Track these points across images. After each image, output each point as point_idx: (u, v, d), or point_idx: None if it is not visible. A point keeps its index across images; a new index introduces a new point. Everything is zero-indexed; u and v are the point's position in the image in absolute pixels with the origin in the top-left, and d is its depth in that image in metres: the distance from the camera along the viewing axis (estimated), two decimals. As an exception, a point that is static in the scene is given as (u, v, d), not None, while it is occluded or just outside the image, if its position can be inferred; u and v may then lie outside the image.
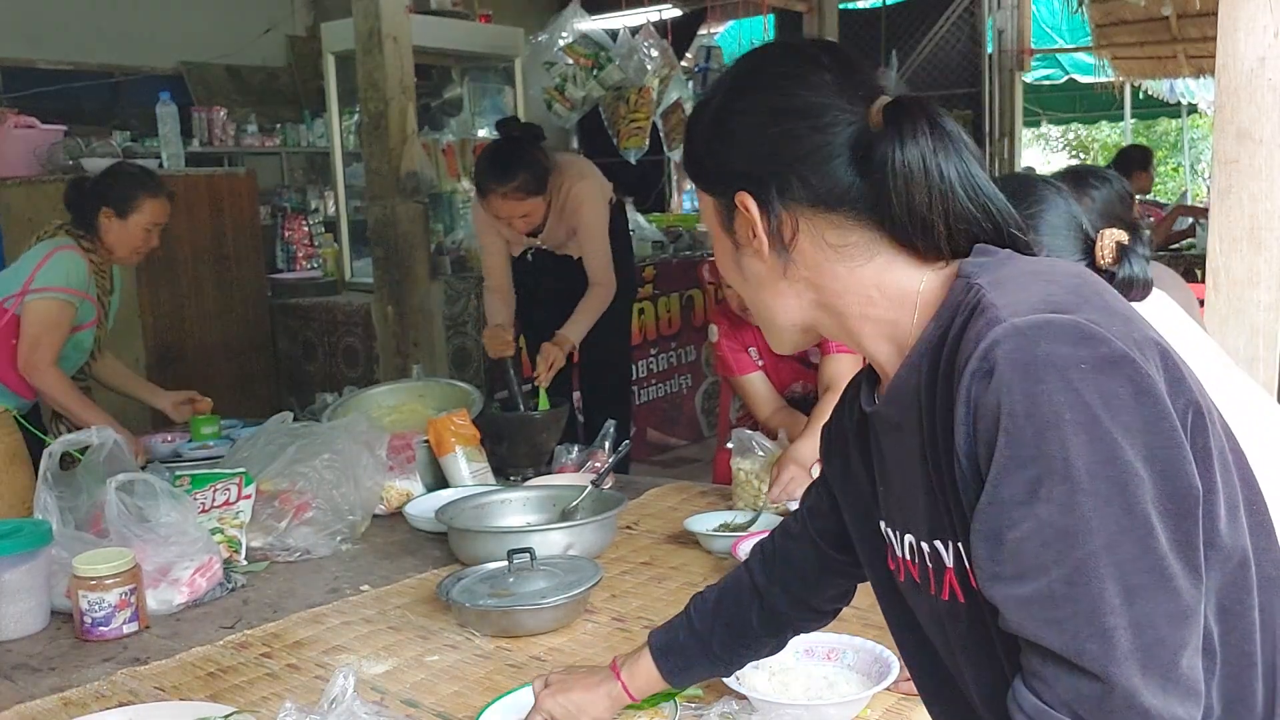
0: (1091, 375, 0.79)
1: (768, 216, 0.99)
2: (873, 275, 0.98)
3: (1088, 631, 0.78)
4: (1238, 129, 1.93)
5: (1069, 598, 0.79)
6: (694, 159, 1.07)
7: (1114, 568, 0.78)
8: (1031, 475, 0.80)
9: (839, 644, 1.50)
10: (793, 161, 0.97)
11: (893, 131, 0.94)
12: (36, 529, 1.82)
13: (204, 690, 1.55)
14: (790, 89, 0.98)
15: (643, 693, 1.33)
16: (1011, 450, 0.80)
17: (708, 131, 1.04)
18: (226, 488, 2.13)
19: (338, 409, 2.80)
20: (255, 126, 6.75)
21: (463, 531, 2.04)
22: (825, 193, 0.97)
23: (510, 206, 3.20)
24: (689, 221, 6.82)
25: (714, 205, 1.06)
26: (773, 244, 1.00)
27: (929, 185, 0.94)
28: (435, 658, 1.64)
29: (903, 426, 0.97)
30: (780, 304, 1.04)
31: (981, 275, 0.91)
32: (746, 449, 2.31)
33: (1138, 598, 0.78)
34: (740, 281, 1.07)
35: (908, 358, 0.95)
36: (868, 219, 0.97)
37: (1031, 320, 0.82)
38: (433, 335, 4.52)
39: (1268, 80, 1.90)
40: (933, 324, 0.93)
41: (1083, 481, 0.78)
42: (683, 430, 5.82)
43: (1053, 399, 0.79)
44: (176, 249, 4.71)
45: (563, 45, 5.56)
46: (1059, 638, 0.80)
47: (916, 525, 0.98)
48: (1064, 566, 0.79)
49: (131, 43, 6.46)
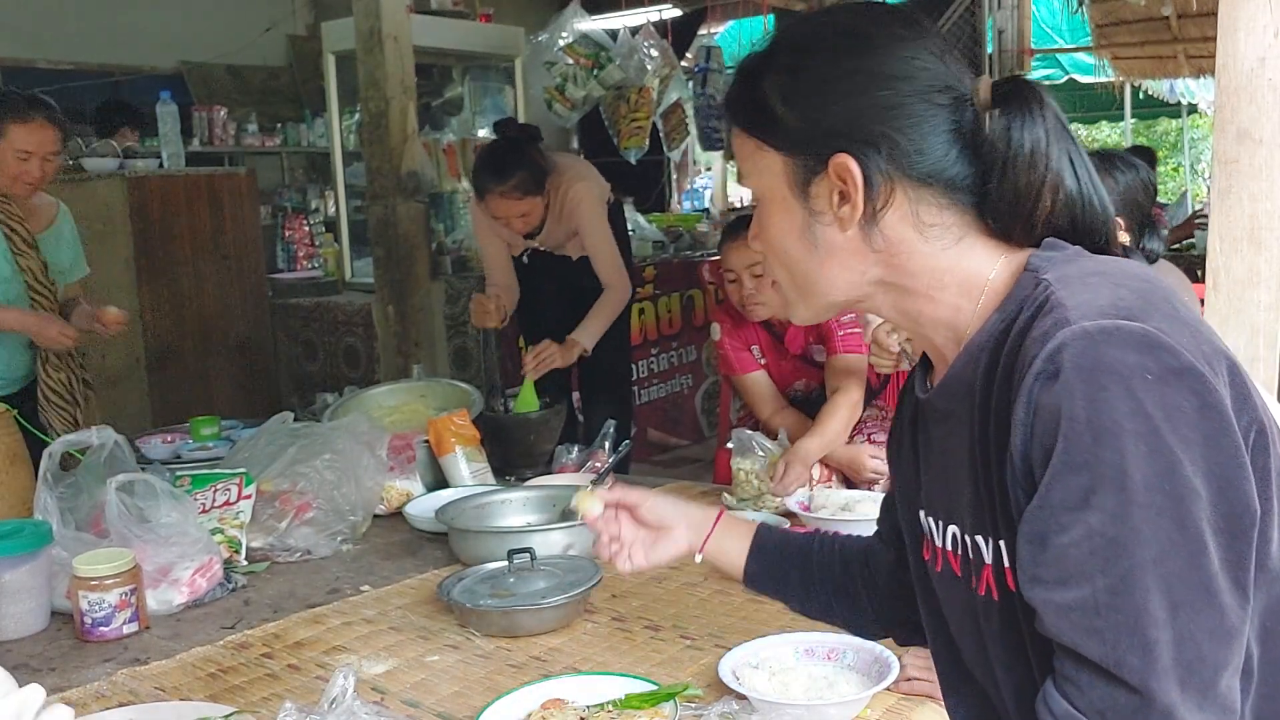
0: (1156, 386, 0.78)
1: (868, 183, 0.93)
2: (951, 259, 0.95)
3: (1129, 643, 0.77)
4: (1238, 129, 1.92)
5: (1112, 607, 0.78)
6: (768, 116, 0.97)
7: (1161, 581, 0.77)
8: (1085, 481, 0.78)
9: (839, 644, 1.50)
10: (900, 128, 0.92)
11: (1008, 111, 0.92)
12: (37, 529, 1.82)
13: (204, 690, 1.55)
14: (900, 53, 0.94)
15: (712, 555, 1.30)
16: (1068, 455, 0.79)
17: (797, 84, 0.96)
18: (227, 488, 2.13)
19: (338, 409, 2.80)
20: (256, 126, 6.75)
21: (463, 531, 2.04)
22: (927, 166, 0.93)
23: (508, 206, 3.20)
24: (689, 221, 6.82)
25: (786, 166, 0.97)
26: (865, 214, 0.94)
27: (1039, 171, 0.91)
28: (436, 658, 1.64)
29: (954, 416, 0.96)
30: (841, 278, 0.99)
31: (1049, 270, 0.89)
32: (747, 449, 2.31)
33: (1183, 613, 0.77)
34: (802, 251, 0.99)
35: (966, 348, 0.93)
36: (961, 199, 0.94)
37: (1100, 325, 0.80)
38: (433, 335, 4.52)
39: (1268, 80, 1.90)
40: (996, 315, 0.91)
41: (1137, 493, 0.77)
42: (683, 430, 5.82)
43: (1115, 407, 0.77)
44: (177, 248, 4.71)
45: (563, 45, 5.57)
46: (1098, 647, 0.79)
47: (961, 518, 0.97)
48: (1110, 576, 0.78)
49: (131, 42, 6.46)
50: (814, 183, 0.96)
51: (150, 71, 6.54)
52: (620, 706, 1.36)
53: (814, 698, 1.40)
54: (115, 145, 4.90)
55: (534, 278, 3.59)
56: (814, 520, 2.12)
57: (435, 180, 4.87)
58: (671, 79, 5.89)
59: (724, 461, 2.61)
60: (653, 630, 1.71)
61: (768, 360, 2.80)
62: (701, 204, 9.41)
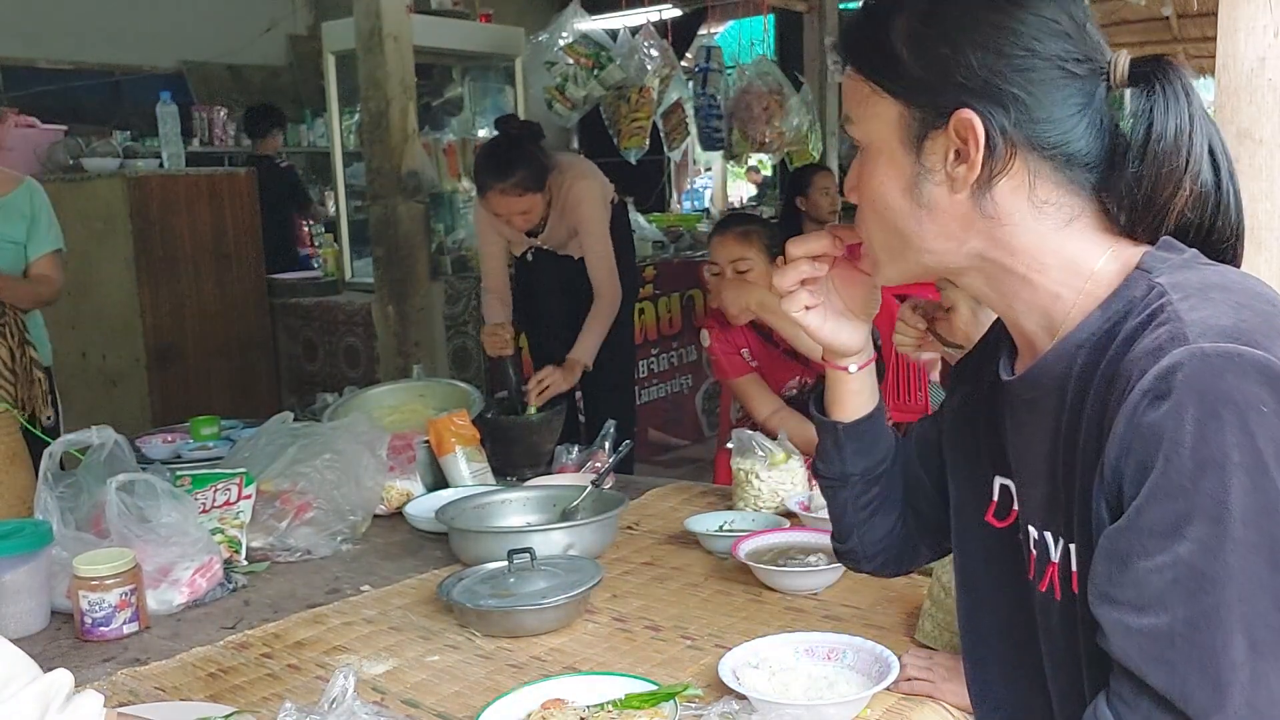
0: (1272, 420, 0.75)
1: (990, 143, 0.87)
2: (1058, 241, 0.90)
3: (1199, 679, 0.75)
4: (1238, 129, 1.92)
5: (1189, 640, 0.76)
6: (891, 60, 0.91)
7: (1244, 621, 0.74)
8: (1181, 509, 0.76)
9: (839, 644, 1.50)
10: (1032, 92, 0.87)
11: (1148, 92, 0.87)
12: (37, 529, 1.82)
13: (204, 690, 1.55)
14: (1043, 12, 0.88)
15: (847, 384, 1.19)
16: (1166, 480, 0.76)
17: (929, 31, 0.89)
18: (227, 488, 2.13)
19: (338, 409, 2.80)
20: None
21: (463, 532, 2.04)
22: (1053, 137, 0.88)
23: (509, 203, 3.20)
24: (689, 221, 6.83)
25: (902, 115, 0.92)
26: (980, 177, 0.89)
27: (1179, 161, 0.86)
28: (436, 658, 1.64)
29: (1038, 408, 0.92)
30: (938, 243, 0.94)
31: (1164, 273, 0.84)
32: (747, 449, 2.31)
33: (1263, 657, 0.75)
34: (904, 208, 0.93)
35: (1062, 341, 0.89)
36: (1080, 179, 0.89)
37: (1221, 349, 0.76)
38: (433, 335, 4.52)
39: (1268, 80, 1.90)
40: (1099, 313, 0.87)
41: (1234, 527, 0.74)
42: (684, 430, 5.82)
43: (1224, 437, 0.74)
44: (177, 248, 4.72)
45: (563, 45, 5.57)
46: (1166, 678, 0.77)
47: (1030, 509, 0.95)
48: (1191, 609, 0.76)
49: (132, 42, 6.47)
50: (930, 137, 0.90)
51: (150, 71, 6.55)
52: (620, 706, 1.35)
53: (814, 698, 1.39)
54: (115, 144, 4.91)
55: (536, 277, 3.60)
56: (814, 520, 2.11)
57: (435, 180, 4.87)
58: (671, 79, 5.89)
59: (724, 461, 2.61)
60: (653, 630, 1.71)
61: (759, 362, 2.79)
62: (701, 204, 9.42)
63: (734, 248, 2.68)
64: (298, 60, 7.31)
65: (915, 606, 1.71)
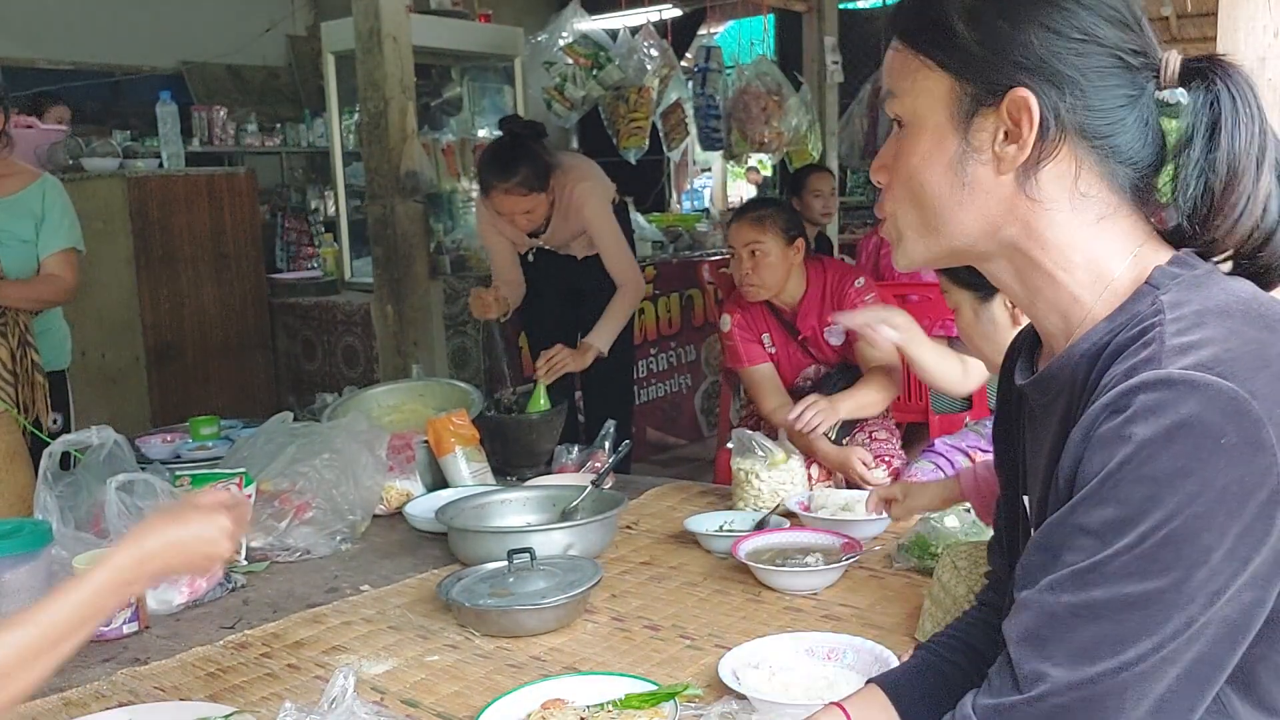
0: (1230, 454, 0.75)
1: (1043, 127, 0.86)
2: (1086, 238, 0.89)
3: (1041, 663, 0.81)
4: (1238, 129, 1.92)
5: (1065, 625, 0.80)
6: (948, 33, 0.89)
7: (1117, 631, 0.78)
8: (1111, 515, 0.78)
9: (839, 644, 1.50)
10: (1089, 77, 0.85)
11: (1204, 95, 0.86)
12: (37, 529, 1.82)
13: (204, 690, 1.55)
14: (1115, 10, 0.87)
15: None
16: (1111, 487, 0.78)
17: (988, 7, 0.88)
18: (226, 488, 2.13)
19: (337, 409, 2.80)
20: (255, 126, 6.76)
21: (463, 531, 2.04)
22: (1104, 127, 0.86)
23: (512, 203, 3.20)
24: (688, 221, 6.82)
25: (953, 91, 0.90)
26: (1029, 159, 0.88)
27: (1237, 163, 0.84)
28: (435, 658, 1.64)
29: (1049, 412, 0.94)
30: (975, 225, 0.92)
31: (1170, 290, 0.84)
32: (746, 449, 2.31)
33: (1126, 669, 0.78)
34: (945, 185, 0.91)
35: (1069, 350, 0.90)
36: (1123, 175, 0.88)
37: (1189, 376, 0.76)
38: (432, 335, 4.52)
39: (1268, 80, 1.90)
40: (1104, 325, 0.87)
41: (1150, 545, 0.76)
42: (683, 430, 5.82)
43: (1173, 461, 0.75)
44: (176, 248, 4.71)
45: (562, 45, 5.56)
46: (1031, 654, 0.82)
47: (1033, 518, 0.97)
48: (1077, 598, 0.79)
49: (132, 42, 6.47)
50: (981, 114, 0.89)
51: (150, 71, 6.54)
52: (620, 706, 1.36)
53: (814, 698, 1.39)
54: (115, 144, 4.90)
55: (538, 277, 3.60)
56: (814, 520, 2.12)
57: (434, 180, 4.87)
58: (671, 79, 5.89)
59: (724, 461, 2.62)
60: (653, 630, 1.71)
61: (778, 348, 2.83)
62: (701, 204, 9.42)
63: (749, 232, 2.75)
64: (297, 60, 7.31)
65: (915, 606, 1.71)
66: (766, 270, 2.74)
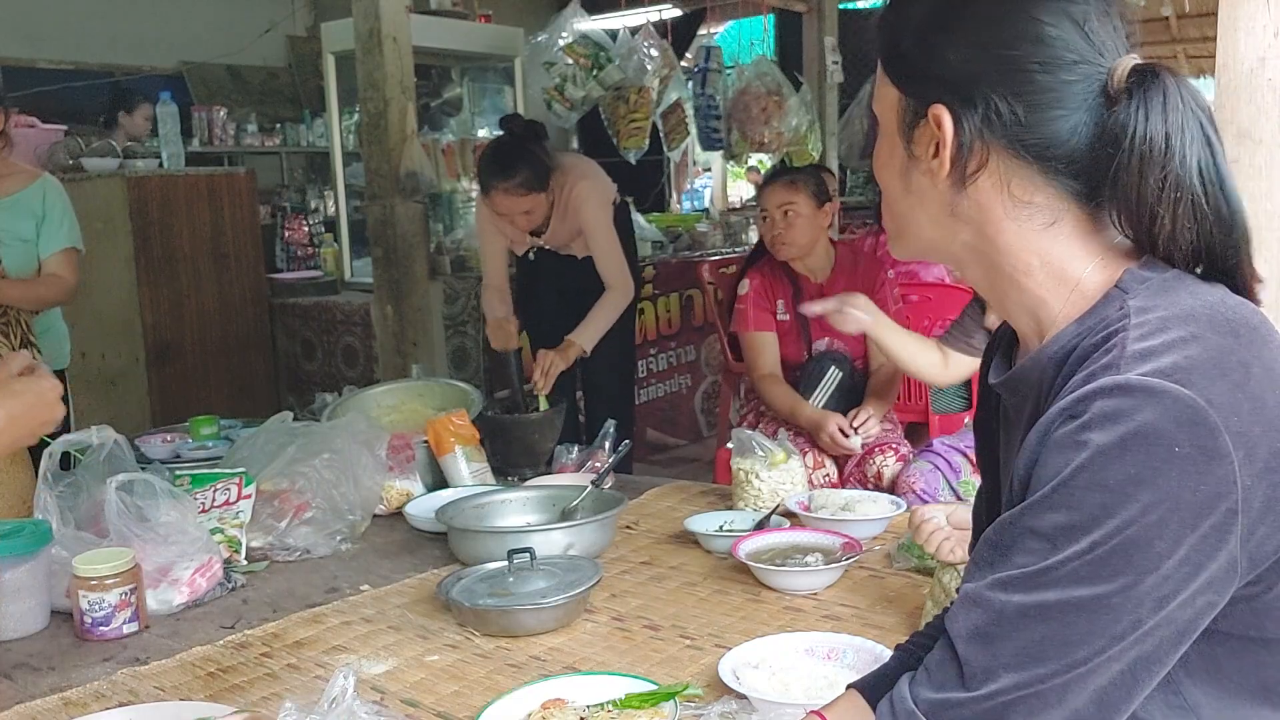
0: (1183, 464, 0.75)
1: (959, 141, 0.89)
2: (1042, 245, 0.90)
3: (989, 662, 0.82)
4: (1238, 129, 1.92)
5: (1011, 626, 0.81)
6: (895, 46, 0.93)
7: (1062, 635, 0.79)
8: (1062, 520, 0.79)
9: (839, 644, 1.50)
10: (1012, 94, 0.86)
11: (1142, 100, 0.85)
12: (37, 529, 1.82)
13: (204, 690, 1.55)
14: (1037, 14, 0.87)
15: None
16: (1065, 493, 0.78)
17: (926, 22, 0.91)
18: (226, 487, 2.13)
19: (337, 409, 2.80)
20: (255, 126, 6.76)
21: (463, 531, 2.04)
22: (1033, 140, 0.87)
23: (512, 203, 3.20)
24: (688, 221, 6.82)
25: (899, 103, 0.94)
26: (952, 172, 0.90)
27: (1165, 170, 0.83)
28: (435, 657, 1.64)
29: (1013, 413, 0.96)
30: (930, 230, 0.95)
31: (1136, 295, 0.84)
32: (747, 449, 2.31)
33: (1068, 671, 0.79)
34: (899, 191, 0.97)
35: (1039, 351, 0.90)
36: (1065, 183, 0.88)
37: (1147, 383, 0.77)
38: (432, 335, 4.52)
39: (1268, 80, 1.90)
40: (1073, 328, 0.87)
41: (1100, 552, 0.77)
42: (683, 430, 5.82)
43: (1125, 469, 0.76)
44: (176, 248, 4.72)
45: (562, 45, 5.56)
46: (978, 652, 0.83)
47: None
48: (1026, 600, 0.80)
49: (131, 43, 6.47)
50: (918, 126, 0.92)
51: (150, 71, 6.54)
52: (620, 706, 1.35)
53: (814, 698, 1.39)
54: (115, 145, 4.90)
55: (538, 276, 3.60)
56: (814, 520, 2.12)
57: (434, 180, 4.87)
58: (671, 79, 5.89)
59: (724, 461, 2.62)
60: (653, 630, 1.71)
61: (790, 316, 2.94)
62: (701, 204, 9.41)
63: (781, 193, 2.90)
64: (297, 61, 7.31)
65: (915, 606, 1.71)
66: (797, 229, 2.89)
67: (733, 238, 6.45)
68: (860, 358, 3.01)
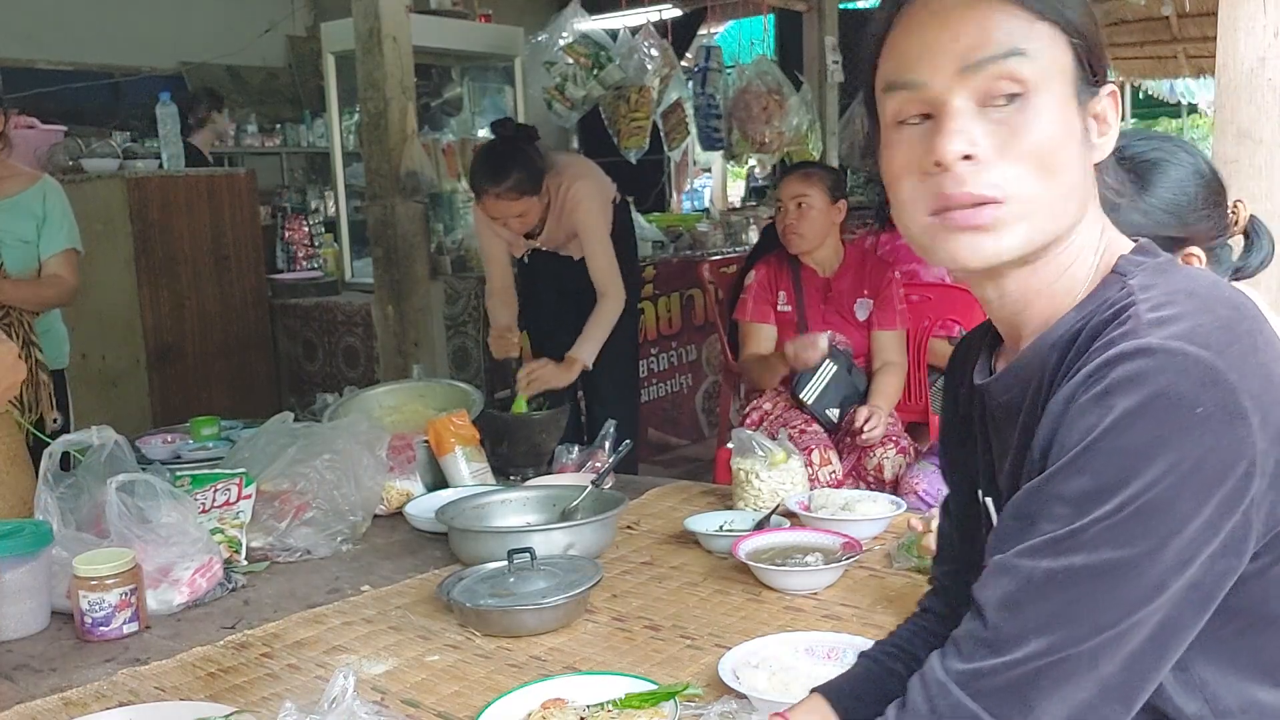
0: (1205, 424, 0.77)
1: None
2: (1089, 223, 0.92)
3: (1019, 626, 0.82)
4: (1238, 129, 1.93)
5: (1039, 592, 0.81)
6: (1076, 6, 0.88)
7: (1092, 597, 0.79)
8: (1089, 486, 0.79)
9: (839, 644, 1.50)
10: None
11: None
12: (37, 529, 1.82)
13: (204, 690, 1.55)
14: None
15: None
16: (1090, 457, 0.79)
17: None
18: (227, 488, 2.13)
19: (338, 409, 2.80)
20: (255, 126, 6.76)
21: (463, 531, 2.04)
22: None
23: (504, 207, 3.20)
24: (689, 221, 6.82)
25: (1073, 67, 0.88)
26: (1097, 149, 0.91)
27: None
28: (436, 658, 1.64)
29: (1011, 407, 0.95)
30: (1077, 214, 0.91)
31: (1136, 276, 0.87)
32: (747, 449, 2.31)
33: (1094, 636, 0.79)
34: (1074, 161, 0.88)
35: (1038, 341, 0.92)
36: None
37: (1167, 345, 0.79)
38: (433, 335, 4.52)
39: (1268, 80, 1.90)
40: (1074, 313, 0.90)
41: (1126, 518, 0.78)
42: (683, 430, 5.82)
43: (1150, 430, 0.77)
44: (176, 248, 4.71)
45: (563, 45, 5.56)
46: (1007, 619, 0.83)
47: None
48: (1054, 564, 0.80)
49: (131, 43, 6.46)
50: (1089, 97, 0.89)
51: (150, 72, 6.54)
52: (620, 706, 1.36)
53: (814, 697, 1.39)
54: (115, 145, 4.90)
55: (536, 278, 3.59)
56: (814, 520, 2.12)
57: (434, 180, 4.87)
58: (671, 79, 5.89)
59: (724, 461, 2.62)
60: (653, 630, 1.71)
61: (791, 307, 3.05)
62: (701, 204, 9.42)
63: (797, 185, 2.99)
64: (297, 61, 7.31)
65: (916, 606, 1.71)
66: (810, 222, 2.96)
67: (733, 238, 6.45)
68: (861, 355, 3.03)
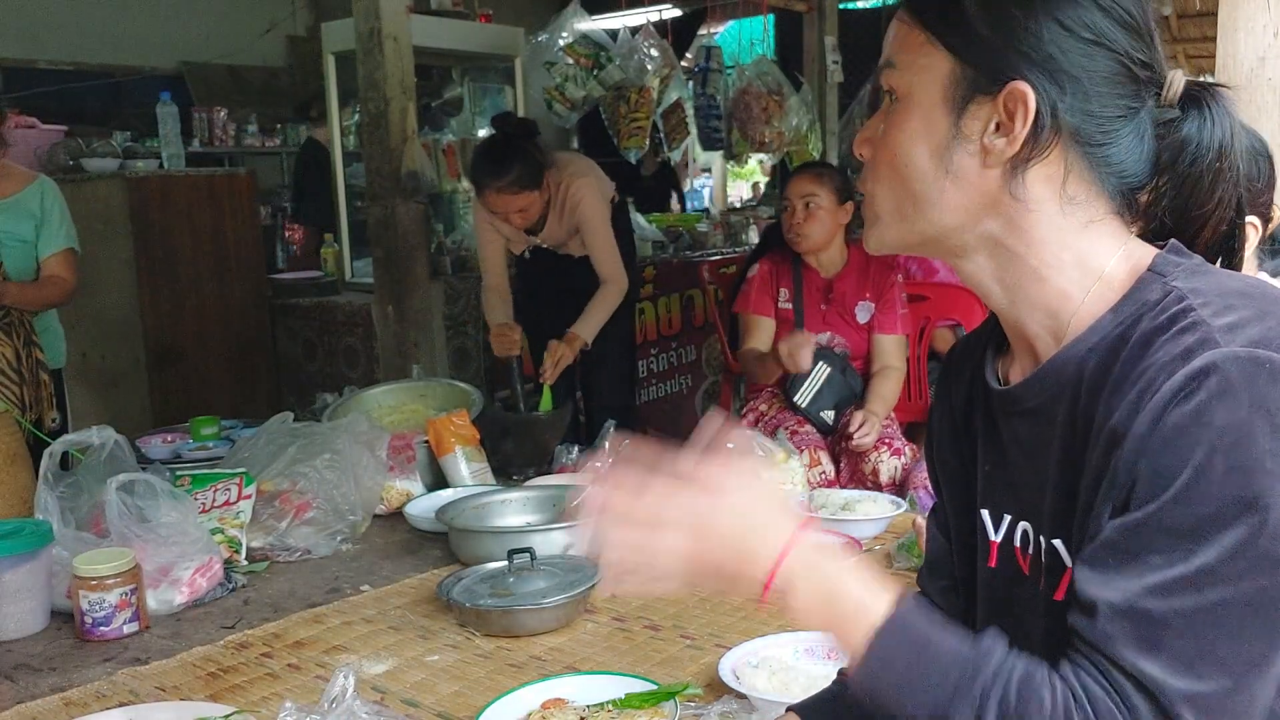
0: None
1: (1037, 125, 0.84)
2: (1076, 240, 0.88)
3: (1182, 669, 0.75)
4: (1238, 129, 1.93)
5: (1186, 633, 0.76)
6: (954, 6, 0.87)
7: (1243, 629, 0.75)
8: (1205, 513, 0.74)
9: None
10: (1092, 83, 0.84)
11: (1196, 116, 0.87)
12: (37, 529, 1.82)
13: (204, 690, 1.55)
14: (1125, 6, 0.85)
15: None
16: (1195, 483, 0.75)
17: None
18: (227, 488, 2.13)
19: (338, 409, 2.80)
20: (255, 126, 6.76)
21: (463, 531, 2.04)
22: (1098, 136, 0.86)
23: (505, 202, 3.21)
24: (689, 221, 6.82)
25: (953, 73, 0.87)
26: (1018, 156, 0.86)
27: (1223, 180, 0.88)
28: (436, 657, 1.64)
29: (1043, 415, 0.89)
30: (954, 216, 0.90)
31: (1179, 279, 0.83)
32: (747, 449, 2.31)
33: (1253, 668, 0.75)
34: (927, 168, 0.89)
35: (1072, 344, 0.87)
36: (1111, 185, 0.88)
37: (1253, 354, 0.75)
38: (433, 335, 4.52)
39: (1268, 80, 1.90)
40: (1110, 316, 0.85)
41: (1260, 538, 0.74)
42: (683, 430, 5.81)
43: (1256, 444, 0.73)
44: (176, 249, 4.71)
45: (563, 45, 5.56)
46: (1154, 663, 0.76)
47: (1038, 518, 0.92)
48: (1198, 603, 0.75)
49: (132, 43, 6.47)
50: (977, 101, 0.86)
51: (150, 72, 6.55)
52: (620, 706, 1.36)
53: (814, 697, 1.39)
54: (116, 145, 4.91)
55: (536, 275, 3.60)
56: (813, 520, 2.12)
57: (435, 181, 4.87)
58: (671, 79, 5.88)
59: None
60: (653, 630, 1.71)
61: (792, 305, 3.05)
62: (701, 204, 9.42)
63: (806, 184, 3.00)
64: (297, 61, 7.31)
65: (915, 606, 1.71)
66: (816, 222, 2.97)
67: (733, 238, 6.45)
68: (860, 357, 3.02)
